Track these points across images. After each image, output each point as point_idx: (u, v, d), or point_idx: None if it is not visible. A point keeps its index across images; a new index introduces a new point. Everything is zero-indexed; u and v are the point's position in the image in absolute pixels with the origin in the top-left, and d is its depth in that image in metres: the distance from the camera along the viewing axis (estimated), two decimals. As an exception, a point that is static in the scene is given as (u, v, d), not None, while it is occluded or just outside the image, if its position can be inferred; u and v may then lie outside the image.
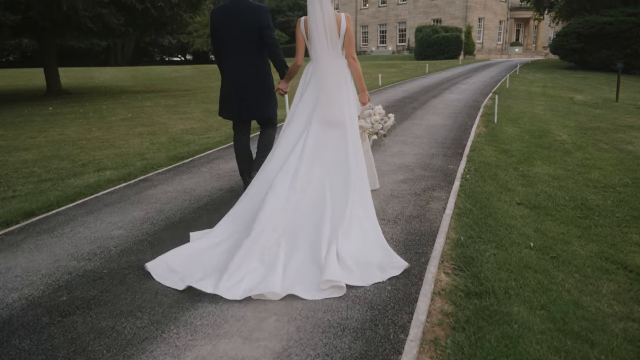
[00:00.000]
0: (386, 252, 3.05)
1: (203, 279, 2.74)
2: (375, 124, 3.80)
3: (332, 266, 2.75)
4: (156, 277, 2.88)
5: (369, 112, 3.81)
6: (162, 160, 6.20)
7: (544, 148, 6.75)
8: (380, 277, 2.83)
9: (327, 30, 3.36)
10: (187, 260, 2.98)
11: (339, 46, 3.46)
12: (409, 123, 8.66)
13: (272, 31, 4.02)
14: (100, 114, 11.96)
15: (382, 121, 3.84)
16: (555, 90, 15.78)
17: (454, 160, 5.81)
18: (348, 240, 3.02)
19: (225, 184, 4.94)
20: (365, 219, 3.23)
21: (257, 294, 2.62)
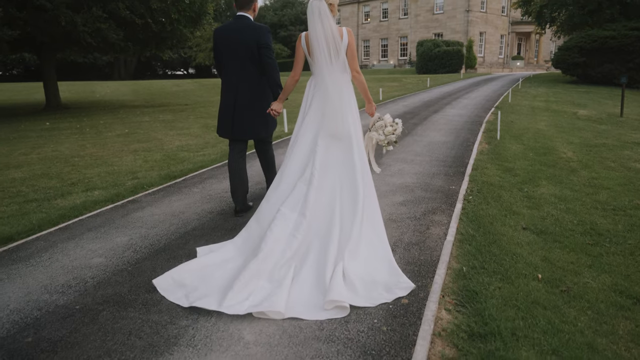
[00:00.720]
0: (393, 271, 3.03)
1: (207, 296, 2.75)
2: (389, 135, 3.69)
3: (337, 286, 2.73)
4: (161, 291, 2.89)
5: (380, 124, 3.71)
6: (154, 180, 5.99)
7: (548, 166, 6.52)
8: (386, 298, 2.79)
9: (329, 44, 3.32)
10: (194, 275, 2.99)
11: (342, 60, 3.41)
12: (410, 140, 8.46)
13: (271, 51, 4.03)
14: (97, 129, 11.81)
15: (393, 129, 3.72)
16: (559, 105, 15.60)
17: (455, 180, 5.59)
18: (355, 259, 3.00)
19: (215, 207, 4.72)
20: (374, 236, 3.23)
21: (259, 311, 2.59)
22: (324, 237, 3.12)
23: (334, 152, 3.36)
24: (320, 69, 3.39)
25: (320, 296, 2.74)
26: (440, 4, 47.52)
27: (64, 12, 13.37)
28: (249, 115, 4.11)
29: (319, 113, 3.43)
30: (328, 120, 3.37)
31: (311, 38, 3.35)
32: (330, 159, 3.34)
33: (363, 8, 54.99)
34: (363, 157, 3.41)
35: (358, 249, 3.06)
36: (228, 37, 4.04)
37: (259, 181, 5.67)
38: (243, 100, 4.07)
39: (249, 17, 4.11)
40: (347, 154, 3.34)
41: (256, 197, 5.03)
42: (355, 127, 3.43)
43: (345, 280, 2.83)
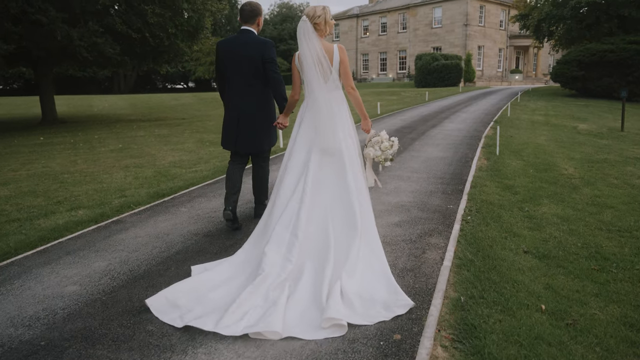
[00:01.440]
0: (391, 289, 2.99)
1: (202, 317, 2.70)
2: (386, 151, 3.63)
3: (334, 304, 2.70)
4: (155, 312, 2.81)
5: (376, 140, 3.66)
6: (142, 198, 5.79)
7: (550, 183, 6.33)
8: (384, 316, 2.75)
9: (316, 63, 3.33)
10: (189, 295, 2.92)
11: (334, 78, 3.40)
12: (407, 155, 8.28)
13: (276, 66, 4.08)
14: (91, 144, 11.65)
15: (390, 144, 3.67)
16: (558, 118, 15.47)
17: (453, 199, 5.39)
18: (352, 278, 2.97)
19: (202, 228, 4.52)
20: (370, 253, 3.20)
21: (255, 332, 2.55)
22: (318, 255, 3.09)
23: (327, 169, 3.34)
24: (311, 86, 3.39)
25: (318, 315, 2.70)
26: (438, 18, 47.79)
27: (60, 26, 13.30)
28: (253, 129, 4.14)
29: (312, 129, 3.42)
30: (319, 135, 3.37)
31: (300, 57, 3.39)
32: (323, 176, 3.33)
33: (362, 22, 55.29)
34: (357, 174, 3.37)
35: (356, 268, 3.03)
36: (232, 52, 4.05)
37: (250, 199, 5.47)
38: (247, 114, 4.10)
39: (253, 31, 4.12)
40: (340, 171, 3.32)
41: (245, 216, 4.84)
42: (348, 143, 3.38)
43: (343, 298, 2.80)
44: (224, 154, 9.29)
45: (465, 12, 45.26)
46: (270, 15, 76.62)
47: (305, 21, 3.30)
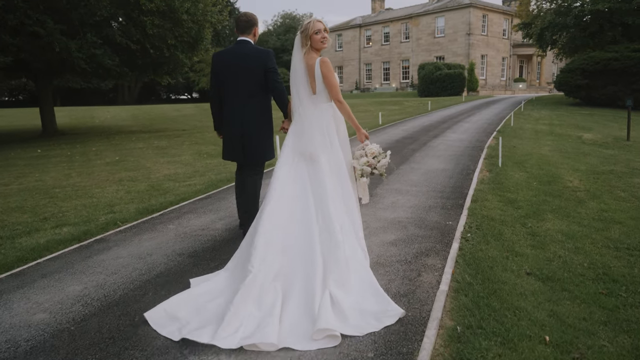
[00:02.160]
0: (380, 299, 3.00)
1: (199, 329, 2.70)
2: (365, 167, 3.53)
3: (325, 315, 2.71)
4: (153, 324, 2.82)
5: (360, 153, 3.59)
6: (130, 214, 5.60)
7: (554, 197, 6.09)
8: (375, 327, 2.76)
9: (300, 75, 3.45)
10: (187, 307, 2.92)
11: (319, 90, 3.46)
12: (407, 167, 8.06)
13: (278, 75, 4.07)
14: (87, 156, 11.51)
15: (376, 160, 3.55)
16: (563, 128, 15.22)
17: (453, 214, 5.16)
18: (342, 287, 2.99)
19: (187, 247, 4.30)
20: (359, 265, 3.21)
21: (250, 344, 2.54)
22: (307, 262, 3.08)
23: (304, 175, 3.38)
24: (298, 97, 3.47)
25: (310, 325, 2.70)
26: (441, 27, 47.77)
27: (58, 38, 13.23)
28: (259, 139, 4.11)
29: (296, 137, 3.50)
30: (300, 141, 3.45)
31: (290, 69, 3.51)
32: (306, 185, 3.36)
33: (365, 32, 55.37)
34: (340, 182, 3.40)
35: (346, 277, 3.04)
36: (231, 63, 4.01)
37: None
38: (251, 126, 4.06)
39: (250, 41, 4.10)
40: (319, 178, 3.34)
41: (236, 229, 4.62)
42: (326, 150, 3.41)
43: (333, 307, 2.81)
44: (219, 166, 9.12)
45: (467, 21, 45.23)
46: (273, 26, 77.00)
47: (297, 34, 3.47)
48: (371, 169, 3.54)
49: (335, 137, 3.49)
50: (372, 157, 3.54)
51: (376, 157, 3.56)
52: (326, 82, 3.44)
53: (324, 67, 3.42)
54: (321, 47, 3.49)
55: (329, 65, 3.45)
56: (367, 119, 19.73)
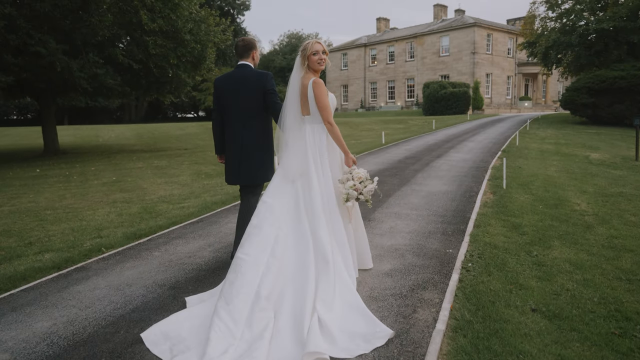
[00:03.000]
0: (369, 320, 2.97)
1: (189, 350, 2.70)
2: (351, 191, 3.49)
3: (314, 338, 2.68)
4: (147, 343, 2.84)
5: (347, 177, 3.55)
6: (117, 239, 5.37)
7: (561, 221, 5.80)
8: (364, 349, 2.74)
9: (293, 94, 3.53)
10: (181, 327, 2.93)
11: (311, 111, 3.51)
12: (408, 189, 7.81)
13: (277, 96, 4.09)
14: (85, 176, 11.36)
15: (362, 185, 3.51)
16: (569, 147, 14.94)
17: (454, 241, 4.89)
18: (330, 310, 2.96)
19: (170, 277, 4.06)
20: (344, 287, 3.19)
21: None
22: (299, 284, 3.07)
23: (294, 196, 3.40)
24: (287, 114, 3.54)
25: (300, 349, 2.68)
26: (446, 46, 47.91)
27: (60, 58, 13.24)
28: (260, 161, 4.13)
29: (282, 159, 3.56)
30: (284, 161, 3.49)
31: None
32: (286, 203, 3.38)
33: (370, 51, 55.66)
34: (330, 205, 3.42)
35: (331, 298, 3.02)
36: (231, 87, 4.10)
37: (229, 244, 5.02)
38: (250, 148, 4.10)
39: (249, 65, 4.17)
40: (298, 198, 3.38)
41: (220, 263, 4.38)
42: (316, 170, 3.43)
43: (322, 330, 2.79)
44: (216, 187, 8.92)
45: (472, 40, 45.34)
46: (279, 46, 77.72)
47: (298, 54, 3.58)
48: (357, 194, 3.49)
49: (326, 159, 3.51)
50: (358, 182, 3.49)
51: (363, 182, 3.51)
52: (318, 103, 3.46)
53: (316, 89, 3.45)
54: (318, 69, 3.53)
55: (322, 87, 3.47)
56: (370, 138, 19.57)
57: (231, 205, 6.99)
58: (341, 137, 3.54)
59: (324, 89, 3.48)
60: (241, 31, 64.26)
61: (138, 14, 13.97)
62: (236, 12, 62.26)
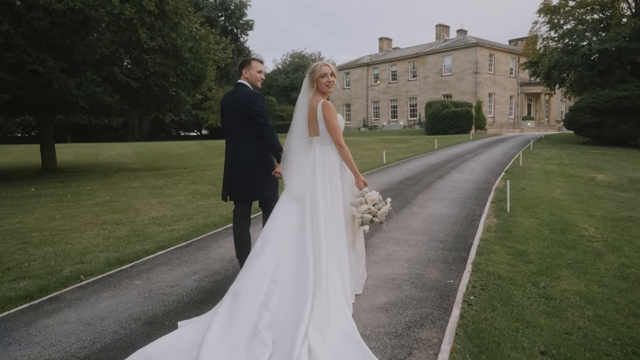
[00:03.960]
0: (363, 354, 2.79)
1: None
2: (365, 214, 3.46)
3: None
4: None
5: (360, 200, 3.53)
6: (99, 265, 5.08)
7: (568, 248, 5.49)
8: None
9: (301, 115, 3.53)
10: (166, 353, 2.82)
11: (320, 132, 3.52)
12: (407, 212, 7.51)
13: (262, 117, 4.08)
14: (79, 196, 11.11)
15: (376, 207, 3.49)
16: (574, 168, 14.64)
17: (455, 270, 4.58)
18: (322, 337, 2.86)
19: (148, 310, 3.76)
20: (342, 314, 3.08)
21: None
22: (295, 311, 2.98)
23: (293, 217, 3.39)
24: (291, 138, 3.54)
25: None
26: (448, 66, 48.05)
27: (57, 76, 13.12)
28: (246, 179, 4.17)
29: (286, 180, 3.54)
30: (289, 182, 3.48)
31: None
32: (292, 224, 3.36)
33: (372, 70, 55.90)
34: (329, 223, 3.34)
35: (325, 324, 2.93)
36: (227, 106, 4.24)
37: (220, 269, 4.73)
38: (241, 165, 4.17)
39: (244, 84, 4.24)
40: (304, 219, 3.34)
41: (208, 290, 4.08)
42: (323, 190, 3.40)
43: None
44: (210, 209, 8.65)
45: (474, 60, 45.45)
46: (282, 65, 78.29)
47: (306, 76, 3.61)
48: (371, 217, 3.45)
49: (337, 180, 3.50)
50: (372, 205, 3.47)
51: (376, 204, 3.49)
52: (328, 125, 3.48)
53: (326, 111, 3.47)
54: (327, 91, 3.56)
55: (332, 109, 3.48)
56: (371, 158, 19.33)
57: (223, 229, 6.71)
58: (352, 158, 3.56)
59: (333, 111, 3.50)
60: (244, 50, 64.82)
61: (137, 32, 13.90)
62: (239, 31, 62.87)
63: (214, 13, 58.64)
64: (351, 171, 3.60)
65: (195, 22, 16.69)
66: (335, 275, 3.24)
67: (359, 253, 3.79)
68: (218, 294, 4.02)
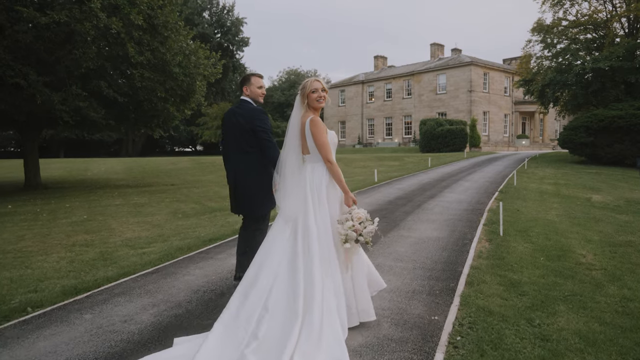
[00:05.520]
0: None
1: None
2: (350, 232, 3.34)
3: None
4: None
5: (346, 217, 3.43)
6: (52, 295, 4.63)
7: (565, 277, 5.08)
8: None
9: (292, 131, 3.53)
10: None
11: (310, 150, 3.50)
12: (395, 235, 7.10)
13: (266, 133, 4.15)
14: (55, 214, 10.65)
15: (362, 225, 3.37)
16: (569, 188, 14.30)
17: (441, 304, 4.16)
18: None
19: (89, 353, 3.30)
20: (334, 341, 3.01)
21: None
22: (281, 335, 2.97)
23: (286, 241, 3.36)
24: (284, 155, 3.55)
25: None
26: (442, 84, 48.12)
27: (40, 90, 12.74)
28: (248, 194, 4.25)
29: (279, 200, 3.54)
30: (282, 202, 3.48)
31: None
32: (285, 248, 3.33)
33: (367, 88, 55.94)
34: (321, 244, 3.30)
35: (315, 351, 2.87)
36: (229, 121, 4.31)
37: (208, 289, 4.29)
38: (242, 180, 4.25)
39: (247, 100, 4.31)
40: (296, 242, 3.31)
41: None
42: (314, 210, 3.37)
43: None
44: (188, 230, 8.21)
45: (469, 78, 45.53)
46: (278, 82, 78.48)
47: (298, 92, 3.61)
48: (357, 235, 3.34)
49: (325, 198, 3.43)
50: (358, 222, 3.36)
51: (362, 222, 3.38)
52: (316, 141, 3.44)
53: (313, 127, 3.44)
54: (318, 106, 3.54)
55: (319, 125, 3.44)
56: (364, 175, 18.97)
57: (196, 253, 6.27)
58: (341, 175, 3.50)
59: (321, 126, 3.46)
60: (240, 67, 64.98)
61: (125, 46, 13.59)
62: (235, 48, 63.05)
63: (210, 29, 58.84)
64: (341, 189, 3.53)
65: (187, 37, 16.44)
66: (331, 298, 3.18)
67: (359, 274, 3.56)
68: (174, 331, 3.58)
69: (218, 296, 4.42)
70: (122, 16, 13.37)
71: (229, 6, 62.50)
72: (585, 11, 28.35)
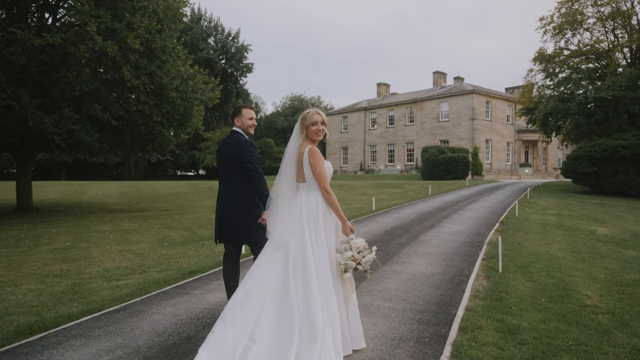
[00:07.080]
0: None
1: None
2: (349, 261, 3.37)
3: None
4: None
5: (345, 247, 3.47)
6: (6, 335, 4.23)
7: (569, 323, 4.64)
8: None
9: (289, 159, 3.55)
10: None
11: (307, 178, 3.52)
12: (387, 270, 6.67)
13: (252, 163, 4.28)
14: (38, 240, 10.27)
15: (361, 255, 3.40)
16: (573, 220, 13.84)
17: (429, 355, 3.72)
18: None
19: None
20: None
21: None
22: None
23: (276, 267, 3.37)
24: (279, 182, 3.56)
25: None
26: (445, 112, 48.12)
27: (33, 112, 12.55)
28: (232, 222, 4.36)
29: (271, 227, 3.54)
30: (273, 229, 3.49)
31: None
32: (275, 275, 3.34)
33: (370, 115, 56.04)
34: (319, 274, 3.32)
35: None
36: (221, 150, 4.50)
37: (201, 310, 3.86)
38: (229, 208, 4.38)
39: (238, 131, 4.48)
40: (287, 269, 3.32)
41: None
42: (310, 237, 3.39)
43: None
44: (170, 260, 7.80)
45: (471, 107, 45.53)
46: (282, 108, 78.95)
47: (298, 121, 3.66)
48: (355, 264, 3.38)
49: (321, 227, 3.44)
50: (357, 252, 3.40)
51: (361, 252, 3.42)
52: (314, 171, 3.49)
53: (311, 157, 3.49)
54: (316, 139, 3.59)
55: (318, 156, 3.50)
56: (363, 203, 18.59)
57: (172, 287, 5.86)
58: (338, 205, 3.54)
59: (319, 157, 3.51)
60: (243, 93, 65.38)
61: (121, 70, 13.45)
62: (239, 74, 63.56)
63: (215, 55, 59.43)
64: (338, 217, 3.57)
65: (187, 62, 16.35)
66: (327, 329, 3.16)
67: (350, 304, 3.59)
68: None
69: (183, 341, 4.00)
70: (119, 40, 13.28)
71: (234, 33, 63.19)
72: (587, 41, 28.40)
